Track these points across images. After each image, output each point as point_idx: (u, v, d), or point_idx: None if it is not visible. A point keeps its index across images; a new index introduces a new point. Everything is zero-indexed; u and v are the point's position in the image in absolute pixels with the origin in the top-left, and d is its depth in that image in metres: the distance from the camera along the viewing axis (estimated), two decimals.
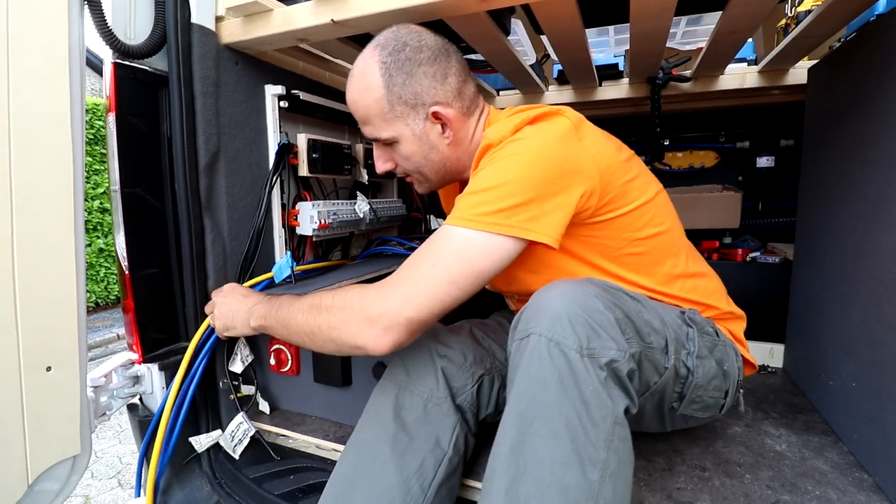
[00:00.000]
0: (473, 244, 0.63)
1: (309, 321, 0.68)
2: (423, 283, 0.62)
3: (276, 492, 0.83)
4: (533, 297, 0.60)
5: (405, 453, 0.68)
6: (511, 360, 0.57)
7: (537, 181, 0.65)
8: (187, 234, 0.93)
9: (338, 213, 1.22)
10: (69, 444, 0.78)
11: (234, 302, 0.85)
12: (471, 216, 0.64)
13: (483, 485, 0.54)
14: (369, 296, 0.64)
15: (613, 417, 0.51)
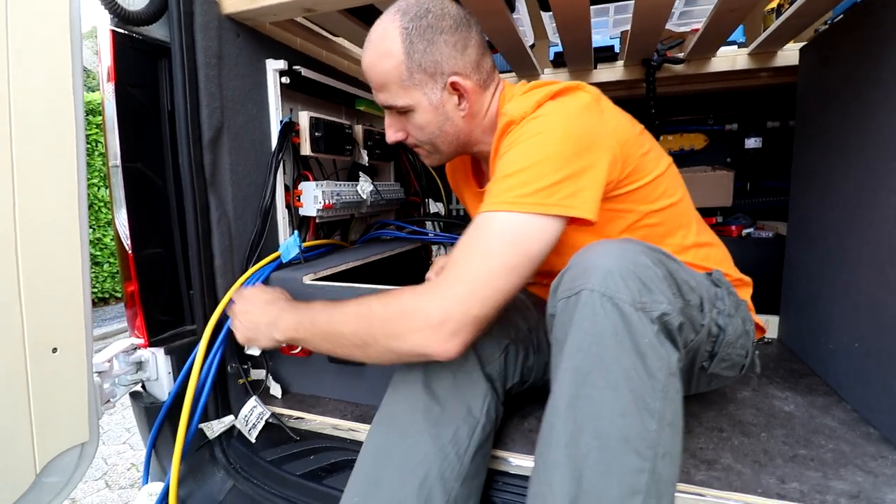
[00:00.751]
0: (522, 228, 0.62)
1: (359, 332, 0.64)
2: (483, 278, 0.60)
3: (297, 472, 0.80)
4: (576, 258, 0.59)
5: (438, 423, 0.67)
6: (558, 318, 0.57)
7: (569, 157, 0.64)
8: (192, 212, 0.89)
9: (341, 194, 1.20)
10: (77, 430, 0.73)
11: (257, 311, 0.80)
12: (513, 199, 0.63)
13: (540, 441, 0.54)
14: (427, 299, 0.61)
15: (668, 369, 0.51)
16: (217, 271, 0.93)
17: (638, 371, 0.50)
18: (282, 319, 0.75)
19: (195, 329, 0.95)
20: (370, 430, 0.71)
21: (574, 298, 0.55)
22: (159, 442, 0.89)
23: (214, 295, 0.93)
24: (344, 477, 0.78)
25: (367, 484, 0.64)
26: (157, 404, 0.89)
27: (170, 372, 0.91)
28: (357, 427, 0.89)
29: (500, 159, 0.70)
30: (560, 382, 0.53)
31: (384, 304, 0.64)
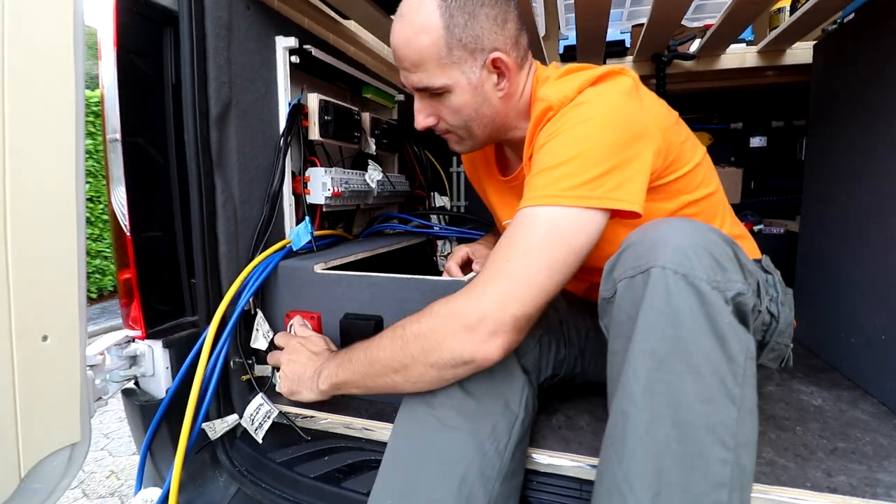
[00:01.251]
0: (566, 222, 0.59)
1: (397, 355, 0.61)
2: (522, 275, 0.57)
3: (311, 475, 0.74)
4: (638, 235, 0.56)
5: (475, 418, 0.62)
6: (619, 300, 0.53)
7: (615, 147, 0.62)
8: (197, 193, 0.82)
9: (349, 182, 1.14)
10: (67, 429, 0.65)
11: (302, 360, 0.77)
12: (556, 192, 0.60)
13: (610, 432, 0.49)
14: (460, 302, 0.58)
15: (747, 352, 0.48)
16: (221, 258, 0.86)
17: (718, 354, 0.46)
18: (325, 367, 0.72)
19: (196, 321, 0.88)
20: (396, 428, 0.65)
21: (641, 277, 0.51)
22: (156, 444, 0.81)
23: (219, 284, 0.86)
24: (364, 479, 0.73)
25: (400, 485, 0.59)
26: (153, 403, 0.81)
27: (168, 367, 0.83)
28: (372, 425, 0.83)
29: (538, 150, 0.66)
30: (632, 368, 0.48)
31: (417, 319, 0.61)
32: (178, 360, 0.84)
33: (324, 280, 0.89)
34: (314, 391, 0.72)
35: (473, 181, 1.05)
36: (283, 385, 0.77)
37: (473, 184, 1.05)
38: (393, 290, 0.84)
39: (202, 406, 0.77)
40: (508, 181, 0.87)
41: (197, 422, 0.77)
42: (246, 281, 0.86)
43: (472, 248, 0.94)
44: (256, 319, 0.90)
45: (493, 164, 0.91)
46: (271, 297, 0.94)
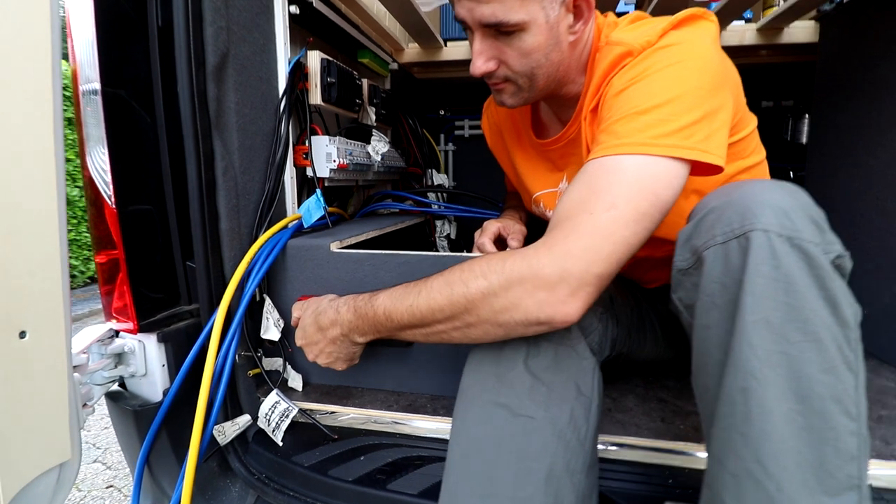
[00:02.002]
0: (655, 172, 0.53)
1: (460, 314, 0.54)
2: (607, 229, 0.51)
3: (349, 478, 0.65)
4: (718, 197, 0.51)
5: (549, 405, 0.56)
6: (709, 269, 0.48)
7: (707, 93, 0.57)
8: (194, 158, 0.70)
9: (353, 154, 1.03)
10: (54, 445, 0.53)
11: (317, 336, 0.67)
12: (646, 140, 0.54)
13: (726, 410, 0.44)
14: (539, 259, 0.51)
15: (856, 316, 0.44)
16: (223, 237, 0.74)
17: (832, 320, 0.43)
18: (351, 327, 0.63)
19: (194, 310, 0.76)
20: (460, 419, 0.58)
21: (737, 243, 0.46)
22: (153, 454, 0.69)
23: (221, 266, 0.74)
24: (411, 479, 0.65)
25: (478, 484, 0.52)
26: (148, 407, 0.69)
27: (164, 364, 0.71)
28: (405, 418, 0.75)
29: (615, 97, 0.60)
30: (746, 341, 0.44)
31: (483, 273, 0.53)
32: (177, 356, 0.72)
33: (343, 260, 0.79)
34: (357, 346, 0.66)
35: (496, 149, 0.97)
36: (339, 368, 0.69)
37: (496, 152, 0.98)
38: (425, 269, 0.76)
39: (213, 408, 0.66)
40: (546, 145, 0.80)
41: (209, 426, 0.66)
42: (252, 262, 0.75)
43: (502, 223, 0.87)
44: (265, 306, 0.78)
45: (528, 128, 0.84)
46: (279, 281, 0.83)
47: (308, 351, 0.69)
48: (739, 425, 0.43)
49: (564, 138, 0.77)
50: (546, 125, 0.83)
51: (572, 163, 0.79)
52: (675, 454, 0.66)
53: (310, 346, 0.68)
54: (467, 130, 1.85)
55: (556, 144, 0.79)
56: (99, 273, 0.70)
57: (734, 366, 0.44)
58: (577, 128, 0.73)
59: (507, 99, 0.71)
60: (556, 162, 0.82)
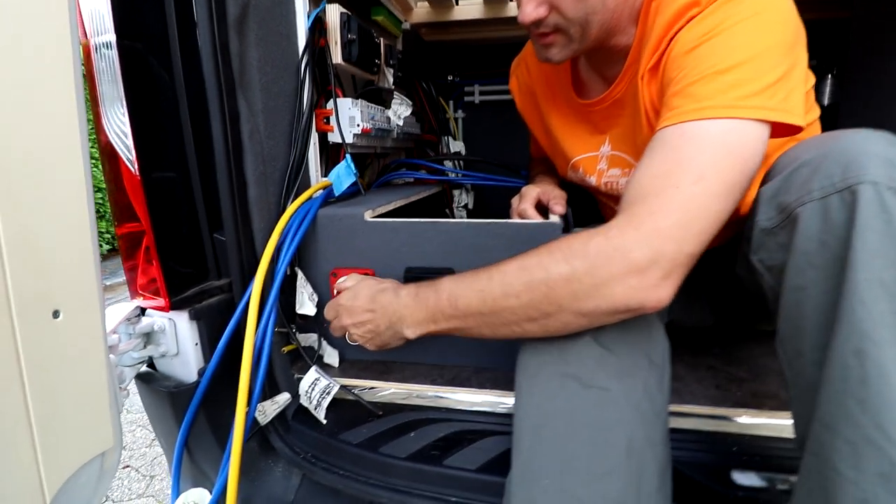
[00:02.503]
0: (742, 138, 0.49)
1: (535, 301, 0.49)
2: (697, 203, 0.47)
3: (402, 455, 0.63)
4: (809, 150, 0.47)
5: (622, 376, 0.53)
6: (805, 226, 0.44)
7: (786, 49, 0.52)
8: (220, 119, 0.64)
9: (375, 119, 0.97)
10: (96, 433, 0.49)
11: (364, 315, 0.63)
12: (732, 102, 0.49)
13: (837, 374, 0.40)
14: (625, 239, 0.47)
15: None
16: (252, 206, 0.69)
17: None
18: (406, 314, 0.59)
19: (225, 285, 0.71)
20: (526, 392, 0.55)
21: (840, 197, 0.43)
22: (192, 437, 0.66)
23: (251, 238, 0.69)
24: (468, 454, 0.62)
25: (553, 459, 0.49)
26: (184, 388, 0.65)
27: (197, 343, 0.67)
28: (449, 393, 0.72)
29: (686, 55, 0.55)
30: (860, 301, 0.41)
31: (564, 257, 0.49)
32: (210, 334, 0.67)
33: (378, 229, 0.74)
34: (399, 340, 0.62)
35: (527, 112, 0.91)
36: (369, 347, 0.65)
37: (526, 115, 0.92)
38: (468, 237, 0.72)
39: (255, 386, 0.63)
40: (588, 106, 0.75)
41: (252, 405, 0.62)
42: (284, 233, 0.70)
43: (541, 188, 0.83)
44: (298, 280, 0.74)
45: (567, 87, 0.79)
46: (310, 253, 0.78)
47: (345, 319, 0.64)
48: (855, 390, 0.40)
49: (609, 98, 0.72)
50: (586, 84, 0.78)
51: (616, 125, 0.74)
52: (738, 422, 0.64)
53: (350, 314, 0.64)
54: (477, 97, 1.77)
55: (600, 105, 0.74)
56: (121, 247, 0.65)
57: (845, 328, 0.41)
58: (626, 87, 0.69)
59: (556, 53, 0.65)
60: (598, 124, 0.77)
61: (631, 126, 0.71)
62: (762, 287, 0.53)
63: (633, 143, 0.71)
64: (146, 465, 1.52)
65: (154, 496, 1.39)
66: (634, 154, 0.72)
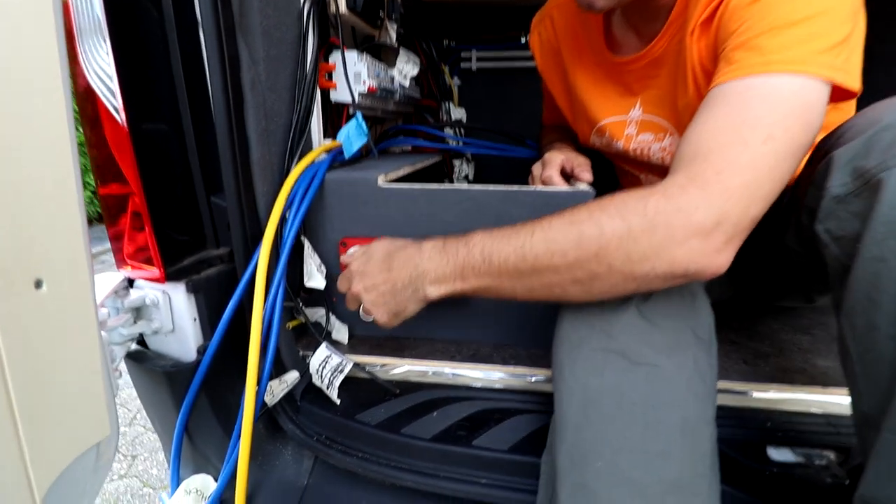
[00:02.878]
0: (809, 96, 0.45)
1: (584, 260, 0.45)
2: (766, 164, 0.43)
3: (426, 436, 0.58)
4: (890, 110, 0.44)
5: (671, 351, 0.50)
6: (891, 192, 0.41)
7: (853, 10, 0.48)
8: (218, 65, 0.55)
9: (380, 77, 0.89)
10: (91, 421, 0.43)
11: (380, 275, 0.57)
12: (802, 57, 0.45)
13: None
14: (689, 198, 0.43)
15: None
16: (254, 166, 0.62)
17: None
18: (429, 268, 0.53)
19: (225, 254, 0.64)
20: (569, 368, 0.51)
21: None
22: (193, 420, 0.60)
23: (254, 203, 0.62)
24: (496, 434, 0.59)
25: (602, 436, 0.46)
26: (183, 367, 0.59)
27: (196, 318, 0.60)
28: (469, 370, 0.68)
29: (749, 6, 0.50)
30: None
31: (620, 213, 0.45)
32: (210, 307, 0.61)
33: (394, 196, 0.68)
34: (422, 301, 0.56)
35: (548, 71, 0.85)
36: (380, 316, 0.58)
37: (547, 75, 0.86)
38: (493, 204, 0.66)
39: (265, 364, 0.57)
40: (624, 64, 0.70)
41: (262, 384, 0.57)
42: (290, 197, 0.63)
43: (564, 154, 0.78)
44: (305, 250, 0.68)
45: (599, 43, 0.73)
46: (316, 221, 0.71)
47: (356, 284, 0.58)
48: None
49: (647, 57, 0.67)
50: (619, 41, 0.72)
51: (651, 86, 0.69)
52: (770, 397, 0.63)
53: (363, 277, 0.58)
54: (474, 63, 1.69)
55: (636, 64, 0.68)
56: (105, 210, 0.57)
57: None
58: (666, 45, 0.64)
59: (600, 0, 0.59)
60: (631, 85, 0.72)
61: (669, 88, 0.66)
62: (823, 258, 0.50)
63: (671, 106, 0.66)
64: (126, 444, 1.45)
65: (138, 476, 1.33)
66: (672, 118, 0.68)
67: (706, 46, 0.57)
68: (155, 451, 1.41)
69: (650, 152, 0.72)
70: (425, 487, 0.56)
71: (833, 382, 0.64)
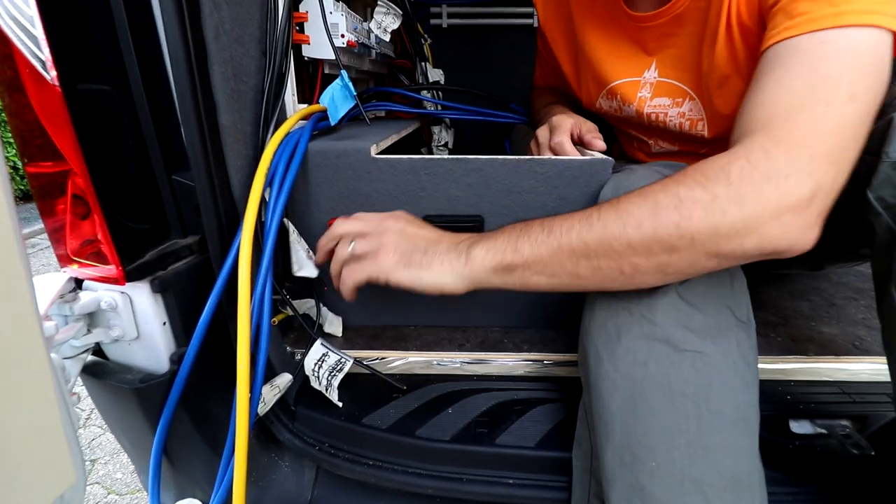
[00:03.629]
0: (884, 50, 0.41)
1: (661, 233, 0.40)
2: (852, 125, 0.39)
3: (445, 438, 0.53)
4: None
5: (714, 336, 0.46)
6: None
7: None
8: (173, 6, 0.44)
9: (357, 30, 0.78)
10: (49, 469, 0.34)
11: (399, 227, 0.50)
12: (873, 6, 0.41)
13: None
14: (778, 165, 0.38)
15: None
16: (224, 136, 0.51)
17: None
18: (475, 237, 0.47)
19: (194, 244, 0.54)
20: (605, 359, 0.46)
21: None
22: (172, 441, 0.51)
23: (226, 179, 0.52)
24: (522, 428, 0.55)
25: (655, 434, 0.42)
26: (155, 382, 0.49)
27: (165, 322, 0.51)
28: (480, 359, 0.63)
29: None
30: None
31: (698, 184, 0.40)
32: (182, 308, 0.51)
33: (391, 169, 0.60)
34: (457, 273, 0.47)
35: (552, 27, 0.78)
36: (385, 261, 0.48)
37: (550, 31, 0.78)
38: (501, 177, 0.59)
39: (258, 368, 0.49)
40: (642, 20, 0.63)
41: (255, 391, 0.49)
42: (270, 172, 0.53)
43: (571, 117, 0.71)
44: (291, 235, 0.58)
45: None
46: (299, 200, 0.62)
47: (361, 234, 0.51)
48: None
49: (668, 13, 0.61)
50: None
51: (670, 45, 0.63)
52: (788, 369, 0.62)
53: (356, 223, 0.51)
54: (445, 20, 1.57)
55: (655, 20, 0.62)
56: (36, 193, 0.45)
57: None
58: (689, 1, 0.58)
59: None
60: (647, 44, 0.66)
61: (691, 48, 0.60)
62: (872, 227, 0.47)
63: (692, 68, 0.61)
64: (84, 447, 1.32)
65: (100, 482, 1.21)
66: (692, 82, 0.63)
67: (745, 2, 0.52)
68: (116, 452, 1.29)
69: (667, 118, 0.67)
70: (449, 494, 0.51)
71: (843, 351, 0.64)
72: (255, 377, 0.49)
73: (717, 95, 0.61)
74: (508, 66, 1.51)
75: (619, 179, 0.56)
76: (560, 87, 0.91)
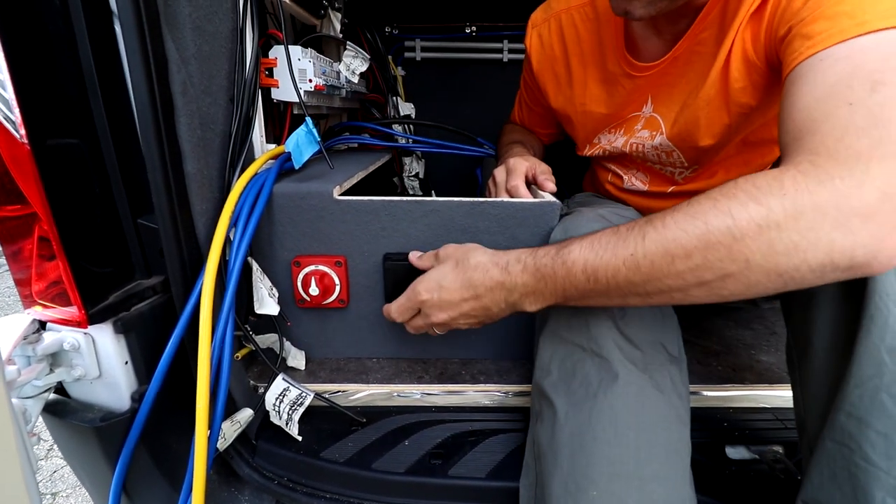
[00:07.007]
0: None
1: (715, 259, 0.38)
2: (891, 112, 0.37)
3: (400, 469, 0.55)
4: None
5: (651, 371, 0.50)
6: None
7: None
8: (142, 66, 0.47)
9: (326, 73, 0.82)
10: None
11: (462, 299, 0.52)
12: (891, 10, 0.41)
13: None
14: (836, 169, 0.36)
15: None
16: (190, 181, 0.54)
17: None
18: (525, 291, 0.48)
19: (158, 284, 0.56)
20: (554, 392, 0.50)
21: None
22: (132, 479, 0.52)
23: (191, 223, 0.55)
24: (474, 459, 0.57)
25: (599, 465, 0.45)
26: (115, 420, 0.51)
27: (127, 361, 0.52)
28: (437, 392, 0.66)
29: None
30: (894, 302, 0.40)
31: (750, 198, 0.37)
32: (144, 348, 0.53)
33: (352, 210, 0.63)
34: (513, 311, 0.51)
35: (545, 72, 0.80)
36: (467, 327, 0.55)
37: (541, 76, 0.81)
38: (458, 218, 0.63)
39: (217, 405, 0.51)
40: (644, 69, 0.67)
41: (215, 428, 0.50)
42: (235, 215, 0.56)
43: (527, 160, 0.75)
44: (254, 273, 0.61)
45: (619, 48, 0.69)
46: (263, 240, 0.65)
47: (438, 315, 0.53)
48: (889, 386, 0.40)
49: (670, 58, 0.64)
50: (637, 42, 0.68)
51: (665, 83, 0.66)
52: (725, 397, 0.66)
53: (444, 308, 0.53)
54: (419, 53, 1.62)
55: (657, 68, 0.66)
56: (4, 237, 0.47)
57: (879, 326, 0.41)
58: (690, 43, 0.61)
59: (639, 8, 0.55)
60: (645, 87, 0.69)
61: (682, 85, 0.64)
62: None
63: (677, 102, 0.65)
64: (45, 480, 1.28)
65: None
66: (669, 116, 0.67)
67: (752, 36, 0.54)
68: (77, 485, 1.26)
69: (644, 148, 0.72)
70: None
71: (777, 379, 0.69)
72: (215, 414, 0.50)
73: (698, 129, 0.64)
74: (480, 98, 1.57)
75: (567, 222, 0.60)
76: (535, 127, 0.96)
